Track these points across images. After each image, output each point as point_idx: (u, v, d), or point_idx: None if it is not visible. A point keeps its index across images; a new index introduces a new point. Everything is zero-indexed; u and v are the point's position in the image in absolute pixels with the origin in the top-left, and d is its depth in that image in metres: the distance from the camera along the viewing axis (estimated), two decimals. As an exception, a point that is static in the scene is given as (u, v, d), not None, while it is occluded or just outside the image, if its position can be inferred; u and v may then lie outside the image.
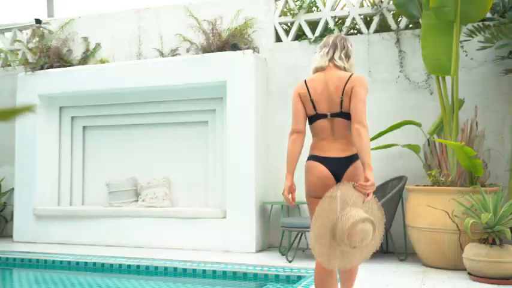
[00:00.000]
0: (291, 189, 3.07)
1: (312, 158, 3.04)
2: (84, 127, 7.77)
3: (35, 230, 7.29)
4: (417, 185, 5.54)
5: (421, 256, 5.26)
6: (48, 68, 7.47)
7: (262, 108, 6.53)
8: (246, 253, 6.14)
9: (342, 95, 2.93)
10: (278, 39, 6.98)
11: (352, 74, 3.01)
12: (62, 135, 7.73)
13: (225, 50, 6.59)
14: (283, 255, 5.85)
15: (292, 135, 3.05)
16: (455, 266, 4.93)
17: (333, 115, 2.97)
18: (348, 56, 3.14)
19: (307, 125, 3.11)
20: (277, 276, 4.98)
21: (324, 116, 2.99)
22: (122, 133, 7.55)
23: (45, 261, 5.96)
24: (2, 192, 8.08)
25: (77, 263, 5.80)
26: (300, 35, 6.89)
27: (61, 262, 5.88)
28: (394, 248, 5.68)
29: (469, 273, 4.60)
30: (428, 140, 5.57)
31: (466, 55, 5.92)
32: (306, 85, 3.05)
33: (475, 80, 5.91)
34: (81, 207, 7.30)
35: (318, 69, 3.12)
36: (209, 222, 6.41)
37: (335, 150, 2.97)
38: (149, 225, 6.69)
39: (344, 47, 3.13)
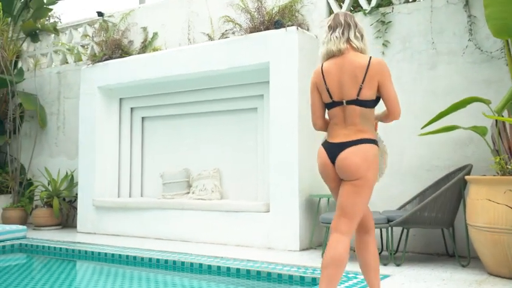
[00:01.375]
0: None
1: (323, 143, 2.99)
2: (143, 118, 7.68)
3: (94, 222, 7.33)
4: (483, 175, 4.54)
5: (484, 261, 4.28)
6: (106, 60, 7.47)
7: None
8: (289, 251, 5.54)
9: (363, 82, 2.80)
10: (331, 13, 6.25)
11: (371, 58, 2.84)
12: (122, 126, 7.70)
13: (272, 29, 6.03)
14: (326, 254, 5.17)
15: (316, 128, 3.06)
16: (524, 275, 3.92)
17: (348, 102, 2.84)
18: (361, 35, 2.96)
19: None
20: (302, 278, 4.35)
21: (340, 103, 2.87)
22: (177, 123, 7.32)
23: (85, 252, 5.89)
24: (75, 183, 8.28)
25: (112, 254, 5.64)
26: (355, 7, 6.12)
27: (99, 254, 5.77)
28: (456, 251, 4.73)
29: (536, 286, 3.60)
30: (496, 120, 4.54)
31: (552, 14, 4.76)
32: (323, 73, 2.91)
33: None
34: (133, 199, 7.19)
35: (334, 53, 2.90)
36: (252, 216, 5.90)
37: (341, 136, 2.86)
38: (195, 218, 6.35)
39: (356, 25, 2.96)
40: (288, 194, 5.62)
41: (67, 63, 8.83)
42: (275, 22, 5.92)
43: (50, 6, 9.37)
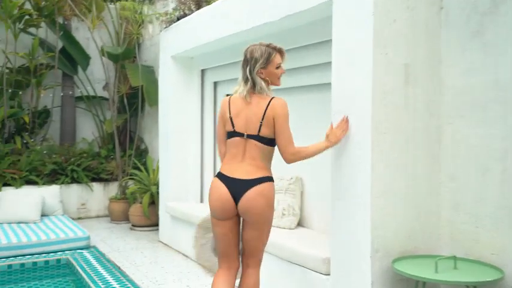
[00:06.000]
0: None
1: (218, 175, 2.88)
2: (227, 95, 5.61)
3: (170, 231, 5.71)
4: None
5: None
6: (178, 19, 5.59)
7: (419, 57, 2.99)
8: None
9: (262, 119, 2.80)
10: None
11: (272, 98, 2.83)
12: (204, 106, 5.77)
13: None
14: None
15: (221, 157, 2.96)
16: None
17: (249, 136, 2.83)
18: None
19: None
20: None
21: (241, 135, 2.85)
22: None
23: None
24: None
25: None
26: None
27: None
28: None
29: None
30: None
31: None
32: (229, 103, 2.91)
33: None
34: (191, 210, 5.26)
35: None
36: (309, 276, 3.42)
37: (241, 172, 2.81)
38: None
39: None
40: (354, 250, 2.99)
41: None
42: None
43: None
